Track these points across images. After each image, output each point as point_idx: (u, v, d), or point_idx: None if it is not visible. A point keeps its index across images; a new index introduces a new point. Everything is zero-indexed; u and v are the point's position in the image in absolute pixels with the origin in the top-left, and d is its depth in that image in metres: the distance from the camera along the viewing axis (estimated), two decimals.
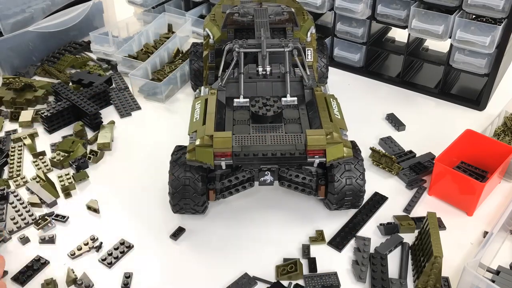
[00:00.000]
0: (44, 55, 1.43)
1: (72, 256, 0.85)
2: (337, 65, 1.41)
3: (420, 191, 0.98)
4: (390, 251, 0.85)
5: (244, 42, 0.92)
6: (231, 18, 1.01)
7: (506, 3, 1.06)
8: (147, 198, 0.96)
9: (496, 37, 1.11)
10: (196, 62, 1.19)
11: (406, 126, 1.17)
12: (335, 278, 0.80)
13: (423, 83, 1.33)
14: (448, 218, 0.92)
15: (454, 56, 1.21)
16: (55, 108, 1.15)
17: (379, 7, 1.25)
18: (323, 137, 0.74)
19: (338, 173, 0.82)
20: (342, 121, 0.84)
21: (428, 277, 0.75)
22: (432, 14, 1.18)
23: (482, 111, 1.24)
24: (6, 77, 1.31)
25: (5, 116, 1.21)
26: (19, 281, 0.80)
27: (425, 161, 1.04)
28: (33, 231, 0.90)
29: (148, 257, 0.85)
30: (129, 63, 1.34)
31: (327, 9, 1.32)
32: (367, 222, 0.91)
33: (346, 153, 0.76)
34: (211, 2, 1.56)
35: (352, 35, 1.34)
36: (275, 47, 0.91)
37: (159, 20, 1.52)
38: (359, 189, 0.84)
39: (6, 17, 1.35)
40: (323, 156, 0.74)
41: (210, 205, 0.94)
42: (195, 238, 0.89)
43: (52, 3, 1.46)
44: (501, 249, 0.86)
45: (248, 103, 0.87)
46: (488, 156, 0.98)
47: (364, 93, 1.31)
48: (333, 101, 0.88)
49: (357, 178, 0.83)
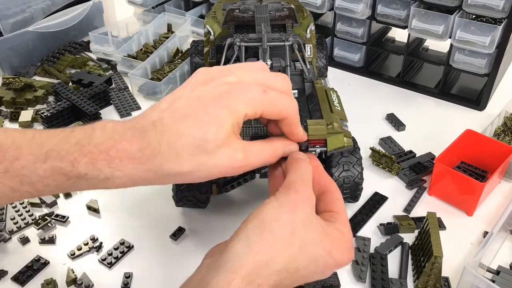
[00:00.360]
0: (44, 55, 1.43)
1: (72, 256, 0.85)
2: (337, 65, 1.41)
3: (420, 191, 0.98)
4: (390, 251, 0.85)
5: (245, 36, 0.92)
6: (231, 15, 1.02)
7: (506, 3, 1.06)
8: (147, 198, 0.96)
9: (496, 37, 1.11)
10: (196, 56, 1.19)
11: (406, 126, 1.17)
12: (335, 278, 0.80)
13: (423, 83, 1.33)
14: (448, 218, 0.92)
15: (454, 56, 1.21)
16: (55, 108, 1.15)
17: (379, 7, 1.25)
18: (323, 127, 0.74)
19: (336, 159, 0.85)
20: (342, 112, 0.85)
21: (428, 277, 0.75)
22: (432, 14, 1.18)
23: (482, 111, 1.24)
24: (6, 77, 1.31)
25: (5, 116, 1.21)
26: (19, 281, 0.80)
27: (425, 161, 1.04)
28: (33, 231, 0.89)
29: (148, 257, 0.85)
30: (129, 62, 1.34)
31: (327, 9, 1.33)
32: (367, 222, 0.91)
33: (347, 143, 0.77)
34: (211, 2, 1.56)
35: (352, 35, 1.34)
36: (276, 41, 0.91)
37: (159, 20, 1.52)
38: (357, 175, 0.85)
39: (6, 17, 1.35)
40: (324, 146, 0.74)
41: (210, 205, 0.94)
42: (195, 238, 0.89)
43: (52, 3, 1.46)
44: (501, 249, 0.86)
45: None
46: (488, 156, 0.98)
47: (364, 93, 1.31)
48: (333, 93, 0.89)
49: (354, 163, 0.84)
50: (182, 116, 0.55)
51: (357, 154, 0.86)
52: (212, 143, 0.55)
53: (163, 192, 0.93)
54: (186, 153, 0.55)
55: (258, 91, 0.57)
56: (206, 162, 0.55)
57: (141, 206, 0.95)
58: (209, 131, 0.54)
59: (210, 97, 0.56)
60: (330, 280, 0.79)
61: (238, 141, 0.57)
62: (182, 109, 0.56)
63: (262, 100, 0.57)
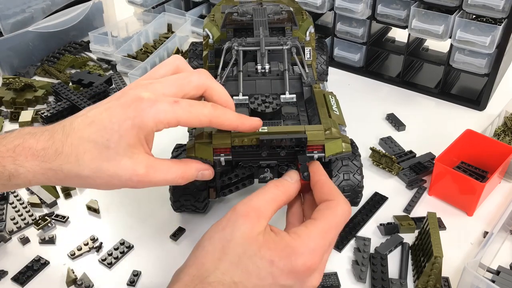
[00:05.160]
0: (44, 55, 1.43)
1: (72, 256, 0.85)
2: (337, 65, 1.41)
3: (420, 191, 0.98)
4: (390, 251, 0.85)
5: (243, 40, 0.92)
6: (230, 18, 1.02)
7: (506, 3, 1.06)
8: (147, 198, 0.96)
9: (496, 37, 1.11)
10: (195, 60, 1.19)
11: (406, 126, 1.17)
12: (335, 278, 0.80)
13: (423, 83, 1.33)
14: (448, 218, 0.92)
15: (454, 56, 1.21)
16: (55, 108, 1.15)
17: (379, 7, 1.25)
18: (321, 132, 0.74)
19: (336, 168, 0.83)
20: (341, 117, 0.85)
21: (428, 277, 0.75)
22: (432, 14, 1.18)
23: (482, 111, 1.24)
24: (6, 77, 1.31)
25: (5, 116, 1.21)
26: (19, 282, 0.80)
27: (425, 161, 1.04)
28: (33, 231, 0.89)
29: (148, 257, 0.85)
30: (128, 62, 1.34)
31: (327, 9, 1.33)
32: (367, 222, 0.91)
33: (345, 148, 0.77)
34: (211, 2, 1.56)
35: (352, 35, 1.34)
36: (274, 45, 0.91)
37: (159, 20, 1.52)
38: (357, 184, 0.84)
39: (6, 17, 1.35)
40: (322, 151, 0.74)
41: (210, 206, 0.94)
42: (195, 238, 0.88)
43: (52, 3, 1.46)
44: (501, 249, 0.86)
45: (247, 100, 0.87)
46: (488, 156, 0.98)
47: (364, 93, 1.31)
48: (332, 98, 0.88)
49: (354, 173, 0.84)
50: (90, 122, 0.60)
51: (357, 162, 0.85)
52: (113, 150, 0.58)
53: (163, 192, 0.92)
54: (87, 157, 0.58)
55: (169, 103, 0.60)
56: (106, 169, 0.59)
57: (141, 206, 0.95)
58: (111, 138, 0.58)
59: (119, 108, 0.59)
60: (330, 280, 0.79)
61: (144, 155, 0.61)
62: (92, 117, 0.60)
63: (173, 110, 0.60)
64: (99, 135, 0.58)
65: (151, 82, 0.63)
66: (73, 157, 0.58)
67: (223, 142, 0.73)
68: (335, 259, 0.84)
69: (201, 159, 0.73)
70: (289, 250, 0.55)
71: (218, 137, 0.73)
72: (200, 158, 0.74)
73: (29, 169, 0.59)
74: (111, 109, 0.59)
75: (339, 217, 0.60)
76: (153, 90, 0.61)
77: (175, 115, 0.60)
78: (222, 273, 0.54)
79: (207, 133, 0.75)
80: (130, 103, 0.59)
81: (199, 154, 0.74)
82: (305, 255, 0.55)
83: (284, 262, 0.55)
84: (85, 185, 0.61)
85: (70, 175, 0.59)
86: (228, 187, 0.85)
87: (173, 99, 0.60)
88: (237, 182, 0.84)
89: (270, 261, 0.54)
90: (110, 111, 0.59)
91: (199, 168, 0.68)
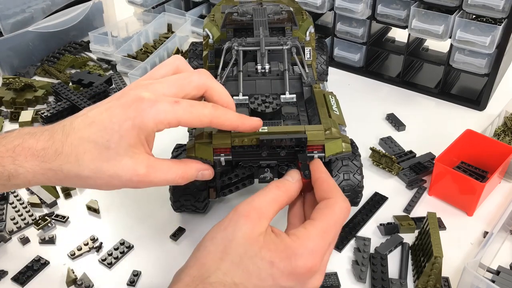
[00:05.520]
0: (44, 55, 1.43)
1: (72, 256, 0.85)
2: (337, 65, 1.41)
3: (420, 191, 0.98)
4: (390, 251, 0.85)
5: (243, 40, 0.92)
6: (230, 18, 1.02)
7: (506, 3, 1.06)
8: (147, 198, 0.96)
9: (496, 37, 1.11)
10: (195, 60, 1.19)
11: (406, 126, 1.17)
12: (335, 278, 0.80)
13: (423, 83, 1.33)
14: (448, 218, 0.92)
15: (454, 56, 1.21)
16: (55, 108, 1.15)
17: (379, 7, 1.25)
18: (321, 132, 0.74)
19: (336, 168, 0.83)
20: (341, 117, 0.85)
21: (428, 277, 0.75)
22: (432, 14, 1.18)
23: (482, 111, 1.24)
24: (6, 77, 1.31)
25: (5, 116, 1.21)
26: (19, 282, 0.80)
27: (425, 161, 1.04)
28: (33, 231, 0.89)
29: (148, 257, 0.85)
30: (128, 62, 1.34)
31: (327, 9, 1.33)
32: (367, 222, 0.91)
33: (345, 148, 0.77)
34: (211, 2, 1.56)
35: (352, 35, 1.34)
36: (274, 45, 0.91)
37: (159, 20, 1.52)
38: (357, 184, 0.84)
39: (6, 17, 1.35)
40: (322, 151, 0.74)
41: (210, 206, 0.94)
42: (195, 238, 0.88)
43: (52, 3, 1.46)
44: (501, 249, 0.86)
45: (247, 100, 0.87)
46: (488, 156, 0.98)
47: (364, 93, 1.31)
48: (332, 98, 0.88)
49: (354, 173, 0.84)
50: (90, 122, 0.59)
51: (357, 162, 0.85)
52: (113, 150, 0.58)
53: (163, 192, 0.92)
54: (87, 157, 0.58)
55: (169, 103, 0.60)
56: (106, 169, 0.58)
57: (141, 206, 0.95)
58: (111, 139, 0.57)
59: (120, 108, 0.59)
60: (330, 280, 0.79)
61: (144, 155, 0.61)
62: (92, 117, 0.60)
63: (173, 111, 0.59)
64: (99, 136, 0.58)
65: (152, 82, 0.63)
66: (73, 157, 0.58)
67: (223, 142, 0.73)
68: (335, 259, 0.84)
69: (201, 159, 0.73)
70: (289, 252, 0.55)
71: (218, 137, 0.74)
72: (200, 158, 0.74)
73: (28, 169, 0.58)
74: (112, 109, 0.59)
75: (337, 215, 0.59)
76: (154, 90, 0.61)
77: (176, 115, 0.60)
78: (223, 274, 0.54)
79: (207, 133, 0.75)
80: (131, 104, 0.59)
81: (199, 154, 0.74)
82: (304, 256, 0.55)
83: (284, 263, 0.55)
84: (85, 185, 0.61)
85: (70, 175, 0.59)
86: (228, 187, 0.85)
87: (174, 99, 0.60)
88: (237, 182, 0.84)
89: (271, 262, 0.54)
90: (111, 111, 0.59)
91: (199, 168, 0.68)
